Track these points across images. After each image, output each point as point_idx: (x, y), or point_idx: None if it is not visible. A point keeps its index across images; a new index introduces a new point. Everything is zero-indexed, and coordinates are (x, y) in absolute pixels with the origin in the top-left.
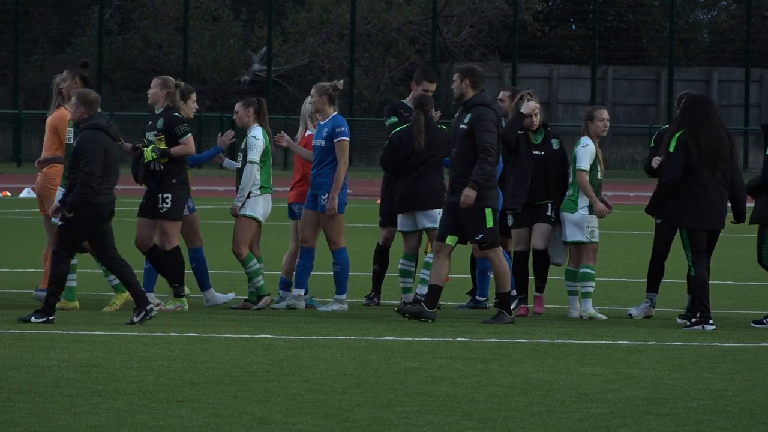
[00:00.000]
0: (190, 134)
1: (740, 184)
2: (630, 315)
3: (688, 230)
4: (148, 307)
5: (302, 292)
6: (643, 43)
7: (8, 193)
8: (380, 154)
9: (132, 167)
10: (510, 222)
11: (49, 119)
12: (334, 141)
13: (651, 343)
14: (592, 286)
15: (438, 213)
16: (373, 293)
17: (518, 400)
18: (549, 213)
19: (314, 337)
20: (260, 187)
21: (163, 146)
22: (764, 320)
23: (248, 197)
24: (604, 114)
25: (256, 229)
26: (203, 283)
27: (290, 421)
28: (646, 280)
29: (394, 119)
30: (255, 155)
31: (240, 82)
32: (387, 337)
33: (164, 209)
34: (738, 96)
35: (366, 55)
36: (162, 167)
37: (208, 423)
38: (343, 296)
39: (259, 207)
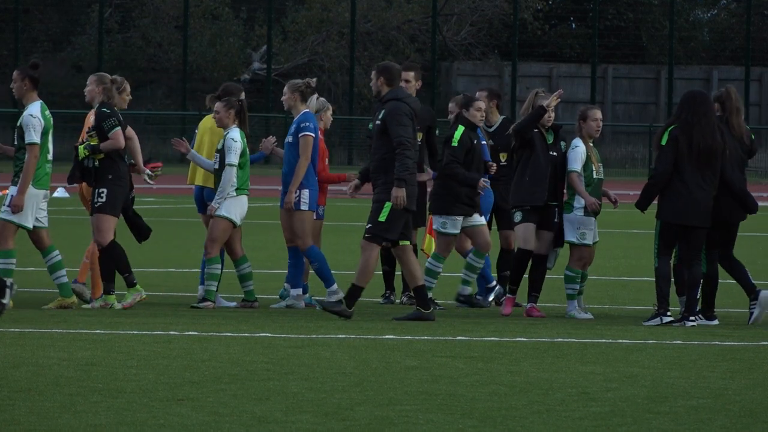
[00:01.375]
0: (118, 128)
1: (737, 181)
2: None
3: (661, 221)
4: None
5: (300, 291)
6: (643, 41)
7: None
8: None
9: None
10: (518, 219)
11: None
12: (299, 136)
13: (651, 341)
14: (574, 289)
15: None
16: (388, 292)
17: (518, 399)
18: (555, 219)
19: (314, 336)
20: (236, 189)
21: (94, 142)
22: (751, 307)
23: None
24: (597, 114)
25: (231, 230)
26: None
27: (290, 419)
28: (652, 278)
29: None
30: (233, 158)
31: (240, 81)
32: (387, 336)
33: (98, 203)
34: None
35: (366, 54)
36: (97, 163)
37: (208, 421)
38: (335, 286)
39: (235, 208)
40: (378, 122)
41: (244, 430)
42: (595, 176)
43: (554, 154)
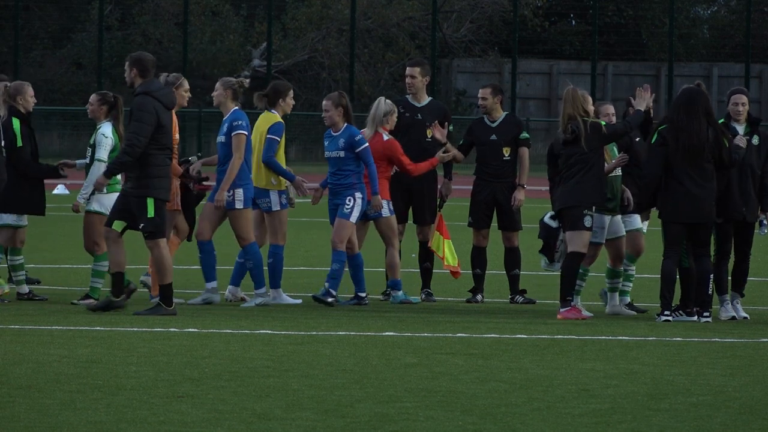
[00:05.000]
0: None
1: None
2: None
3: (662, 221)
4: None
5: (215, 284)
6: (643, 38)
7: None
8: None
9: None
10: (588, 224)
11: None
12: (232, 134)
13: (651, 338)
14: (580, 285)
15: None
16: (389, 290)
17: (518, 396)
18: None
19: (314, 333)
20: (108, 185)
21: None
22: (730, 304)
23: (93, 194)
24: (610, 109)
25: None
26: (275, 282)
27: (290, 416)
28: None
29: None
30: (103, 153)
31: (240, 77)
32: (387, 333)
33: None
34: None
35: (366, 51)
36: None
37: (208, 418)
38: (263, 289)
39: (110, 202)
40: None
41: (244, 427)
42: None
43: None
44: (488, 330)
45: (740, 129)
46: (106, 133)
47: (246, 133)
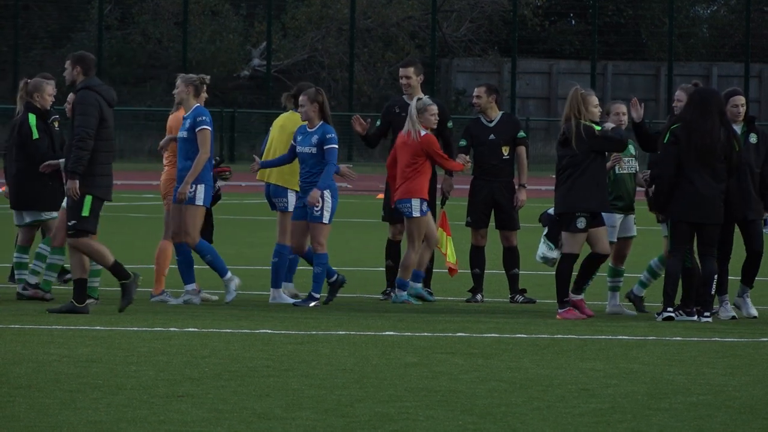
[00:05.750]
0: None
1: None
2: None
3: (671, 220)
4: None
5: (194, 286)
6: (642, 38)
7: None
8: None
9: None
10: (581, 225)
11: None
12: (196, 130)
13: (651, 338)
14: (619, 282)
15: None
16: (389, 289)
17: (518, 395)
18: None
19: (314, 333)
20: None
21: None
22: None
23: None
24: (622, 108)
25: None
26: (286, 277)
27: (290, 416)
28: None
29: (377, 123)
30: None
31: (239, 77)
32: (387, 333)
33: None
34: None
35: (365, 50)
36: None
37: (208, 418)
38: (192, 286)
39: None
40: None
41: (245, 427)
42: (618, 171)
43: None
44: (488, 329)
45: (737, 128)
46: None
47: (210, 128)
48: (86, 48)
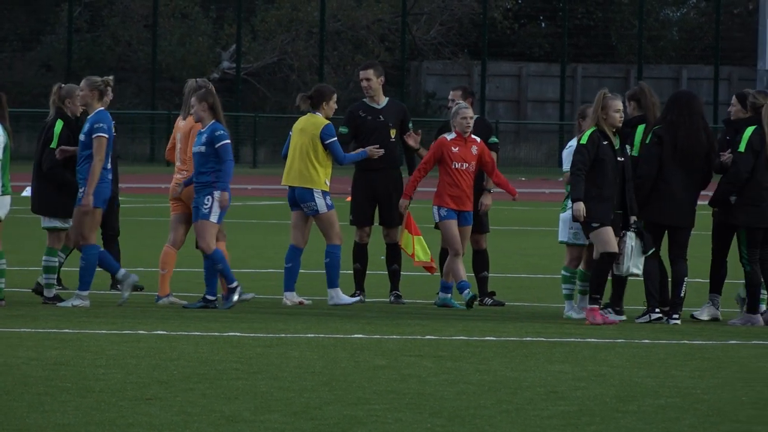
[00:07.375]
0: None
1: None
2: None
3: (645, 222)
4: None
5: (87, 292)
6: (612, 40)
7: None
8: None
9: None
10: (595, 224)
11: None
12: (93, 136)
13: (619, 340)
14: (570, 289)
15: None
16: (358, 291)
17: (487, 398)
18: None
19: (283, 335)
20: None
21: None
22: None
23: None
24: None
25: None
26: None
27: (259, 419)
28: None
29: (344, 130)
30: None
31: (209, 80)
32: (356, 335)
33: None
34: (707, 93)
35: (335, 53)
36: None
37: (177, 421)
38: (85, 293)
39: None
40: None
41: (213, 430)
42: None
43: (621, 159)
44: (457, 332)
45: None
46: None
47: (107, 135)
48: (56, 50)
